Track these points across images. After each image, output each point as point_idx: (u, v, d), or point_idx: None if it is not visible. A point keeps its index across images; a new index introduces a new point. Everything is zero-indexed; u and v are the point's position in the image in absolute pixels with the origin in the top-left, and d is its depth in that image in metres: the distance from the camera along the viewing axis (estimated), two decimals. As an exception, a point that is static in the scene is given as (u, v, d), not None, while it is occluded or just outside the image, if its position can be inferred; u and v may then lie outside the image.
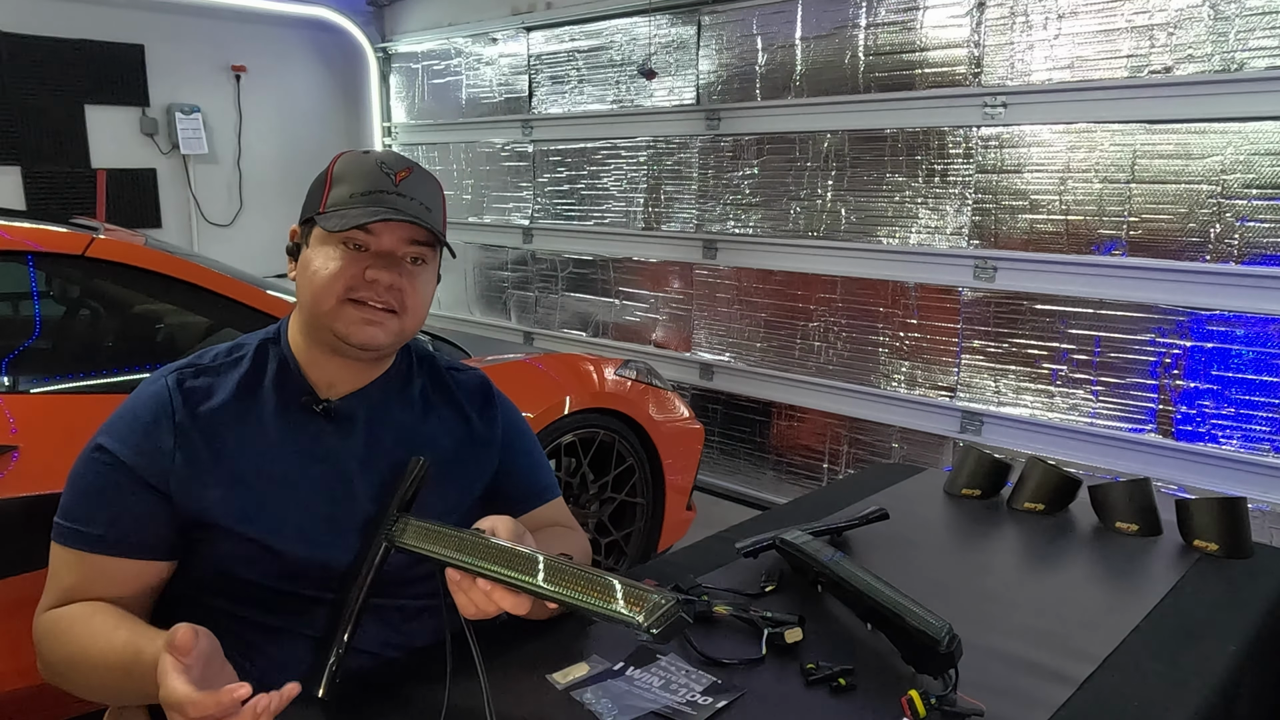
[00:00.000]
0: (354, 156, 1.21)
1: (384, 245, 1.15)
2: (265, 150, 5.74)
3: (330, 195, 1.17)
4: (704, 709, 1.07)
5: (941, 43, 3.31)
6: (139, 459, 1.11)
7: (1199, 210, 2.79)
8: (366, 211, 1.13)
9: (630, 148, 4.51)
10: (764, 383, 4.06)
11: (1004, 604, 1.39)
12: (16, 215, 2.55)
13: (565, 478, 2.85)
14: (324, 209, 1.16)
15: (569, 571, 0.94)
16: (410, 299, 1.18)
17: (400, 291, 1.16)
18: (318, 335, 1.19)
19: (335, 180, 1.18)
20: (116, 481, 1.11)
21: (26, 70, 4.81)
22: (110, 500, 1.11)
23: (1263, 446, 2.76)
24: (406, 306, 1.17)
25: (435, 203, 1.21)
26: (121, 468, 1.11)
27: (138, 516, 1.11)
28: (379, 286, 1.14)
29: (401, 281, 1.16)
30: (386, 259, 1.15)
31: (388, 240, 1.15)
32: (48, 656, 1.11)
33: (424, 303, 1.21)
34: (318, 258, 1.16)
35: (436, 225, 1.18)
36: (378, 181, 1.16)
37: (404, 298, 1.17)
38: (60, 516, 1.12)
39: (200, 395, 1.16)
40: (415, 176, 1.19)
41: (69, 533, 1.11)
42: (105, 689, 1.09)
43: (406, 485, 1.12)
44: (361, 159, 1.20)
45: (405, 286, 1.16)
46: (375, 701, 1.09)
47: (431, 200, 1.20)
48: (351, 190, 1.15)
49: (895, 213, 3.52)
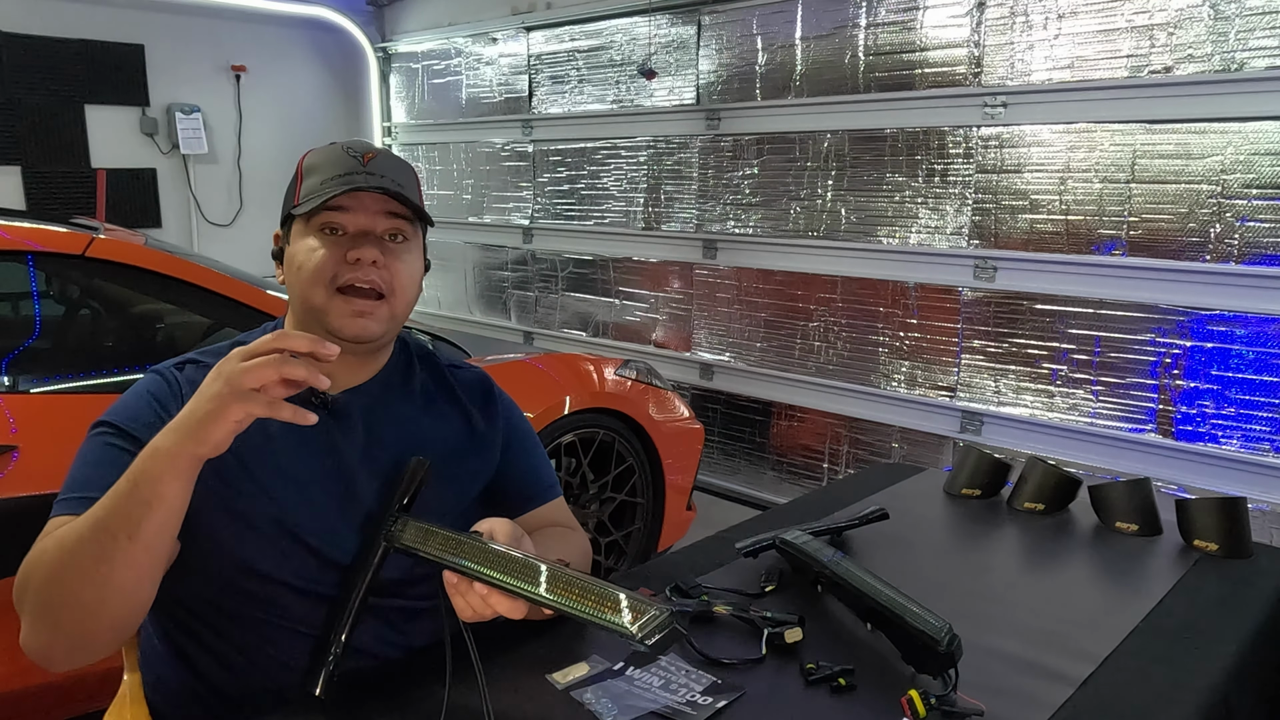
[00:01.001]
0: (320, 149, 1.22)
1: (360, 223, 1.16)
2: (265, 150, 5.74)
3: (302, 188, 1.18)
4: (704, 709, 1.07)
5: (941, 43, 3.31)
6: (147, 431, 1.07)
7: (1199, 210, 2.79)
8: (335, 184, 1.14)
9: (630, 148, 4.51)
10: (764, 383, 4.06)
11: (1004, 604, 1.38)
12: (16, 215, 2.55)
13: (565, 478, 2.85)
14: (298, 201, 1.18)
15: (565, 578, 0.94)
16: (397, 279, 1.18)
17: (387, 271, 1.16)
18: (310, 329, 1.19)
19: (305, 174, 1.19)
20: (122, 449, 1.09)
21: (26, 70, 4.81)
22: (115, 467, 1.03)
23: (1263, 446, 2.76)
24: (394, 288, 1.17)
25: (407, 180, 1.21)
26: (128, 437, 1.09)
27: None
28: (364, 266, 1.14)
29: (385, 259, 1.16)
30: (365, 236, 1.16)
31: (363, 217, 1.16)
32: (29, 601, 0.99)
33: (412, 284, 1.21)
34: (300, 251, 1.16)
35: (409, 198, 1.18)
36: (346, 164, 1.17)
37: (391, 278, 1.17)
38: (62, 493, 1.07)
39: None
40: (382, 156, 1.20)
41: (69, 501, 1.04)
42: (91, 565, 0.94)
43: (406, 486, 1.12)
44: (328, 149, 1.21)
45: (391, 266, 1.17)
46: (374, 702, 1.09)
47: (403, 177, 1.20)
48: (322, 178, 1.16)
49: (895, 213, 3.52)
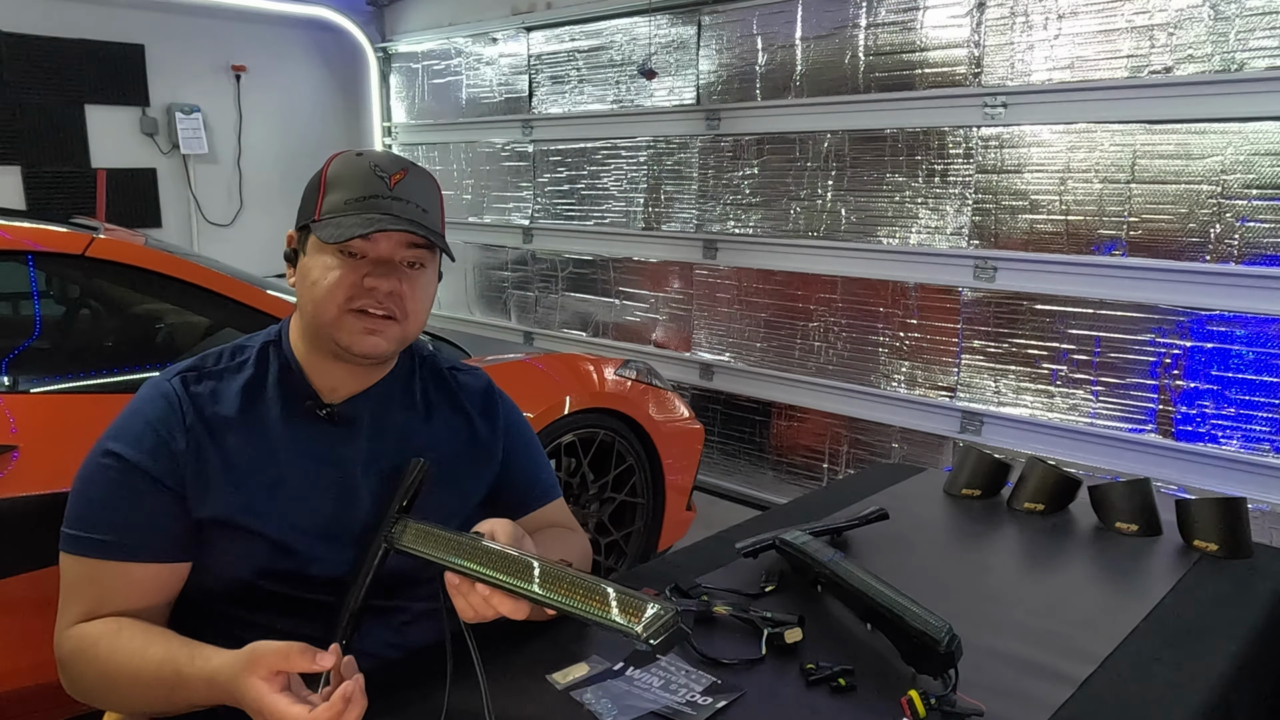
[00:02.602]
0: (347, 159, 1.18)
1: (381, 252, 1.14)
2: (265, 150, 5.74)
3: (325, 201, 1.14)
4: (704, 709, 1.07)
5: (941, 43, 3.31)
6: (152, 461, 1.10)
7: (1199, 210, 2.79)
8: (362, 220, 1.10)
9: (630, 148, 4.51)
10: (764, 383, 4.05)
11: (1004, 604, 1.38)
12: (16, 215, 2.55)
13: (565, 478, 2.85)
14: (319, 216, 1.14)
15: (568, 578, 0.93)
16: (411, 304, 1.16)
17: (400, 297, 1.15)
18: (320, 343, 1.18)
19: (329, 185, 1.15)
20: (130, 485, 1.09)
21: (26, 70, 4.80)
22: (125, 505, 1.09)
23: (1263, 446, 2.76)
24: (407, 312, 1.16)
25: (432, 203, 1.19)
26: (134, 471, 1.09)
27: (153, 519, 1.09)
28: (378, 293, 1.13)
29: (401, 287, 1.14)
30: (385, 265, 1.14)
31: (385, 247, 1.14)
32: (77, 677, 1.09)
33: (425, 307, 1.20)
34: (315, 267, 1.14)
35: (434, 226, 1.16)
36: (372, 186, 1.14)
37: (404, 303, 1.15)
38: (69, 526, 1.09)
39: (206, 400, 1.16)
40: (410, 178, 1.17)
41: (82, 542, 1.08)
42: (145, 704, 1.06)
43: (406, 486, 1.11)
44: (355, 162, 1.17)
45: (405, 292, 1.15)
46: (375, 702, 1.09)
47: (428, 201, 1.18)
48: (346, 196, 1.13)
49: (895, 213, 3.52)
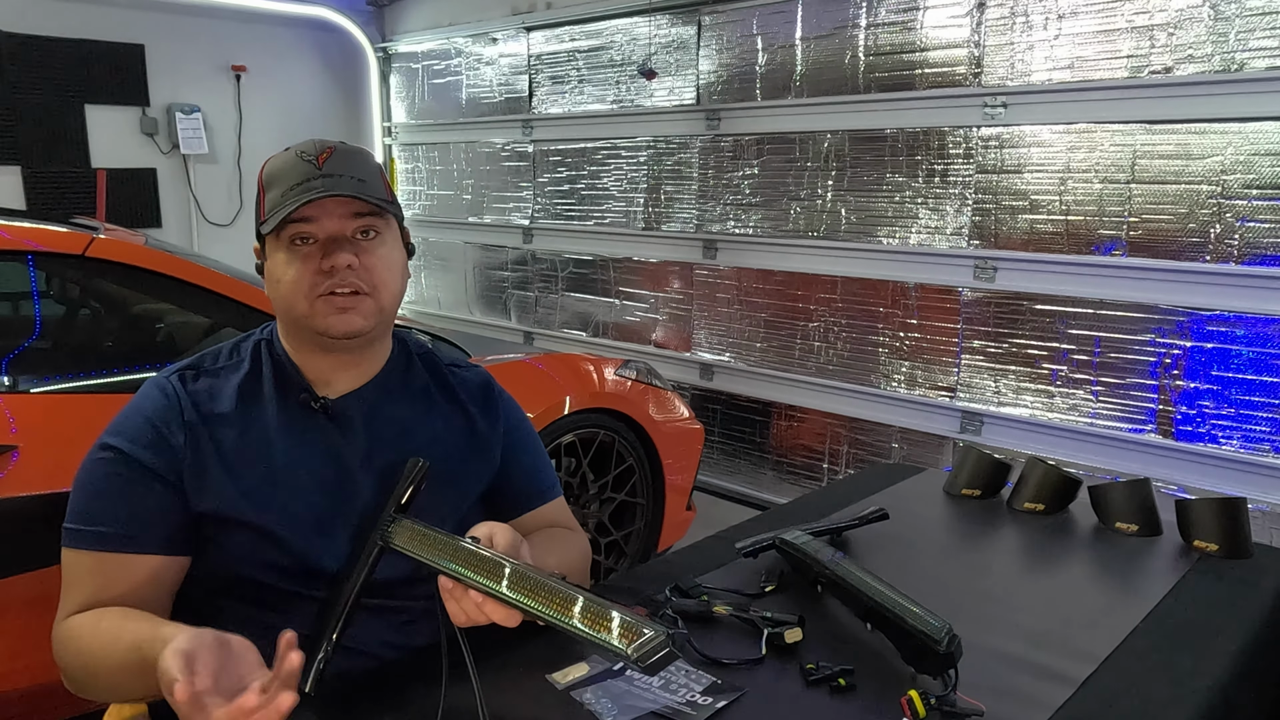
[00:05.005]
0: (277, 157, 1.19)
1: (327, 229, 1.14)
2: (265, 150, 5.63)
3: (266, 202, 1.16)
4: (704, 709, 1.07)
5: (941, 43, 3.31)
6: (150, 454, 1.11)
7: (1199, 210, 2.79)
8: (294, 194, 1.11)
9: (630, 148, 4.51)
10: (764, 383, 4.05)
11: (1004, 604, 1.38)
12: (16, 215, 2.55)
13: (565, 478, 2.85)
14: (264, 216, 1.15)
15: (562, 594, 0.93)
16: (376, 275, 1.16)
17: (365, 270, 1.15)
18: (303, 337, 1.19)
19: (267, 186, 1.17)
20: (128, 477, 1.11)
21: (26, 70, 4.80)
22: (123, 496, 1.10)
23: (1263, 446, 2.76)
24: (375, 284, 1.16)
25: (369, 172, 1.18)
26: (133, 463, 1.11)
27: (152, 510, 1.11)
28: (339, 272, 1.13)
29: (359, 260, 1.14)
30: (335, 242, 1.13)
31: (329, 223, 1.14)
32: (65, 667, 1.10)
33: (393, 275, 1.19)
34: (276, 267, 1.16)
35: (372, 192, 1.15)
36: (301, 171, 1.14)
37: (370, 275, 1.15)
38: (70, 521, 1.11)
39: (204, 396, 1.17)
40: (339, 153, 1.17)
41: (82, 534, 1.10)
42: (127, 690, 1.07)
43: (403, 486, 1.12)
44: (283, 156, 1.18)
45: (366, 264, 1.15)
46: (372, 702, 1.09)
47: (363, 171, 1.17)
48: (281, 190, 1.14)
49: (895, 213, 3.52)
